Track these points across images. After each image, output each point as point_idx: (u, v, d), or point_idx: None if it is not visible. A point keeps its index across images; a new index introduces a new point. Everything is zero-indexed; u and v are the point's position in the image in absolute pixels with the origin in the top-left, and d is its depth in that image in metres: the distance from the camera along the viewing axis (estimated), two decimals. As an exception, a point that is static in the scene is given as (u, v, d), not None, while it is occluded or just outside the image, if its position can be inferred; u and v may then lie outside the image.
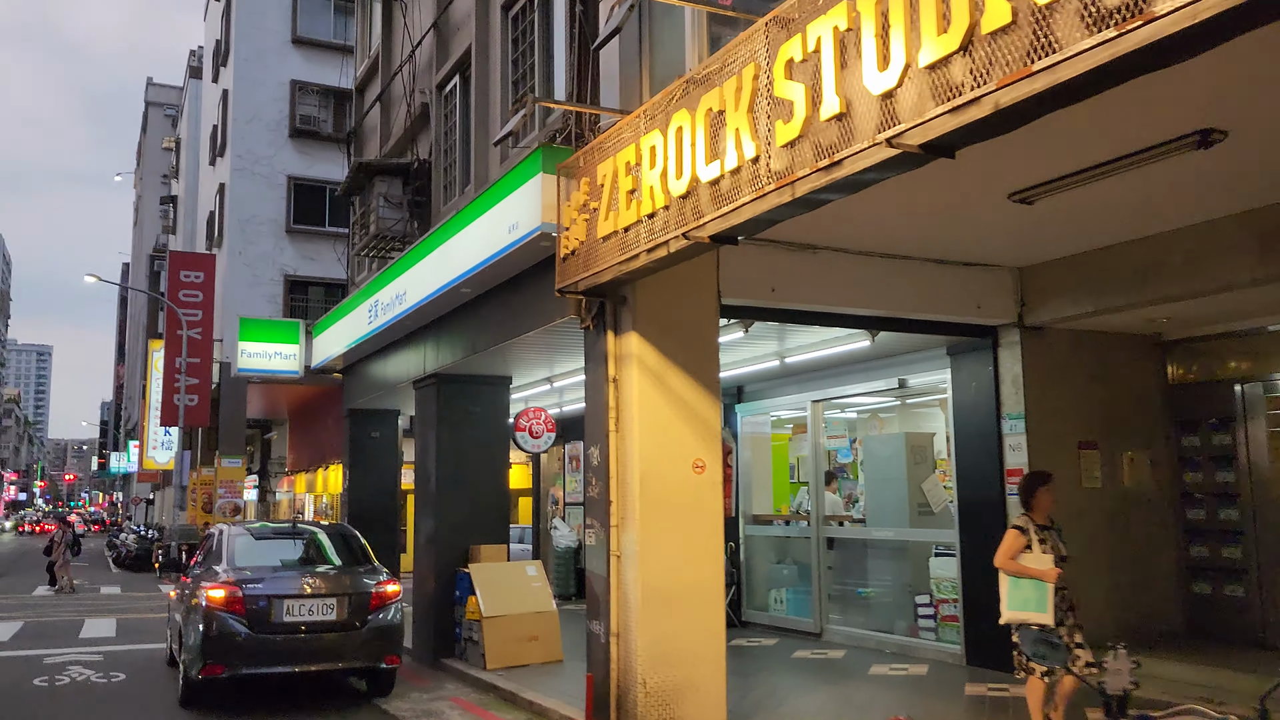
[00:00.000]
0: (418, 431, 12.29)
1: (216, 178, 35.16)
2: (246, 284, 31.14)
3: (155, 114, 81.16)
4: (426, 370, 11.91)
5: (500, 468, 11.98)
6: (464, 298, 10.42)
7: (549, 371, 12.13)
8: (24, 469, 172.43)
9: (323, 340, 15.66)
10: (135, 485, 67.47)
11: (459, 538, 11.52)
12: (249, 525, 10.38)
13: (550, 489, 19.04)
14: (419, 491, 12.14)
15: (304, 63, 33.24)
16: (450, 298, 10.45)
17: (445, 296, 10.38)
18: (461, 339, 10.94)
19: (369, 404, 15.55)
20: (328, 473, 34.02)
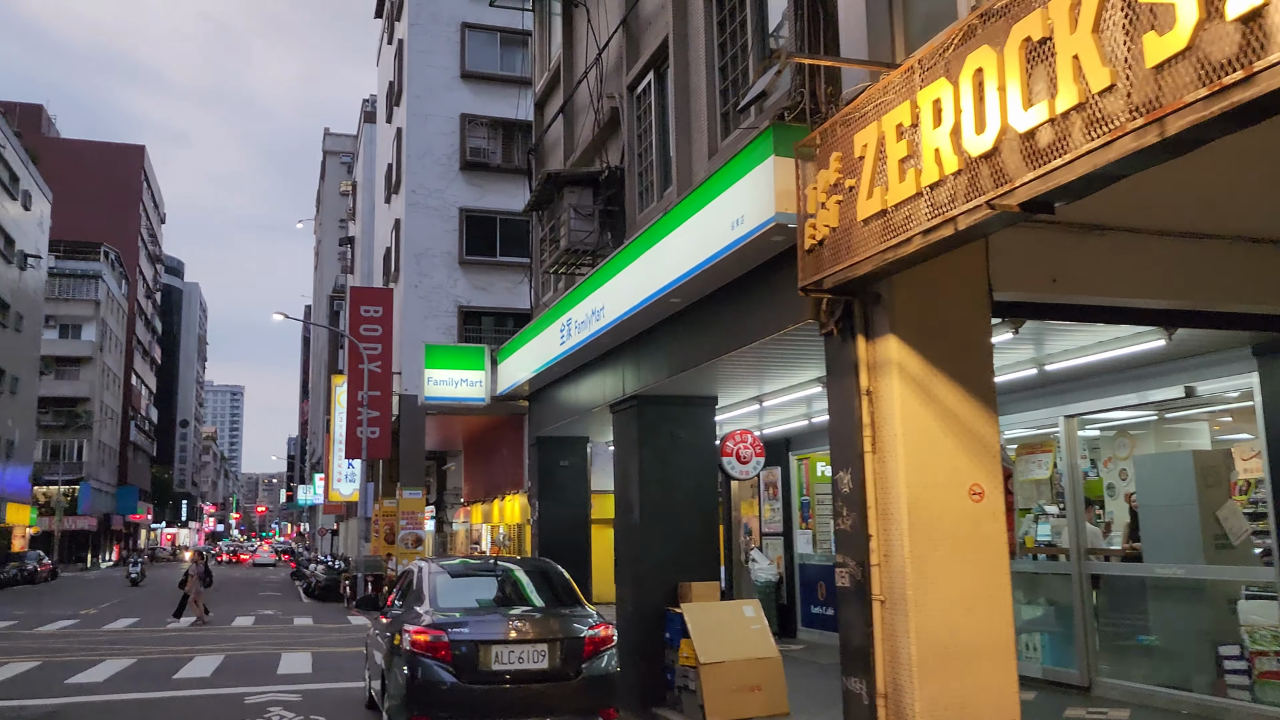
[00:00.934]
0: (618, 458, 11.38)
1: (392, 214, 35.87)
2: (422, 316, 31.41)
3: (332, 162, 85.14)
4: (625, 392, 11.00)
5: (709, 497, 10.92)
6: (671, 309, 9.46)
7: (758, 389, 11.02)
8: (221, 502, 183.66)
9: (508, 366, 15.05)
10: (321, 516, 70.11)
11: (666, 574, 10.50)
12: (446, 562, 9.66)
13: (743, 518, 17.87)
14: (620, 523, 11.21)
15: (473, 96, 33.55)
16: (655, 310, 9.50)
17: (650, 309, 9.44)
18: (667, 356, 9.97)
19: (557, 431, 14.81)
20: (504, 503, 33.89)
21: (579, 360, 12.31)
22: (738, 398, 11.33)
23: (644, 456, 10.68)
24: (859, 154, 5.90)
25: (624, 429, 11.18)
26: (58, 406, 72.11)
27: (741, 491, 18.35)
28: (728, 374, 9.96)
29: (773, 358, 9.14)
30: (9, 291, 52.51)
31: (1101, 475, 11.59)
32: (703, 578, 10.59)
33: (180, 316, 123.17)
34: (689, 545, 10.66)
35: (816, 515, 15.23)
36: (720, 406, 11.33)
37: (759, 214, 7.10)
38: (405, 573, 10.01)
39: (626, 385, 11.00)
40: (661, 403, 10.75)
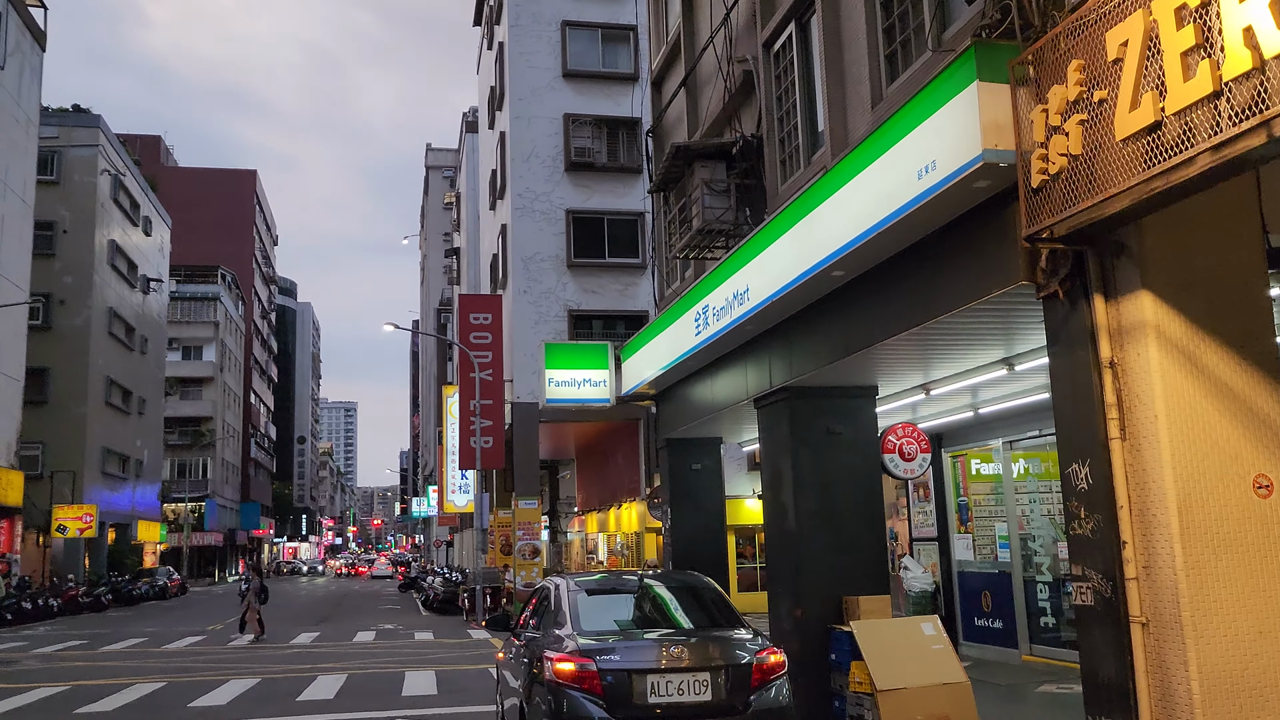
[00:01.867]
0: (766, 459, 10.22)
1: (497, 220, 35.44)
2: (532, 322, 30.78)
3: (435, 177, 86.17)
4: (773, 384, 9.84)
5: (874, 500, 9.67)
6: (831, 285, 8.26)
7: (924, 376, 9.72)
8: (338, 516, 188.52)
9: (633, 364, 14.03)
10: (435, 528, 70.60)
11: (828, 586, 9.30)
12: (585, 578, 8.63)
13: (889, 522, 16.46)
14: (773, 530, 10.04)
15: (575, 96, 32.87)
16: (812, 288, 8.33)
17: (805, 287, 8.27)
18: (824, 341, 8.78)
19: (688, 432, 13.72)
20: (620, 511, 32.97)
21: (715, 352, 11.20)
22: (899, 386, 10.05)
23: (798, 455, 9.50)
24: (1114, 55, 4.64)
25: (773, 425, 10.02)
26: (182, 426, 74.41)
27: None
28: (893, 359, 8.72)
29: (955, 335, 7.87)
30: (133, 316, 54.11)
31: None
32: (870, 590, 9.35)
33: (294, 335, 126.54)
34: (853, 554, 9.44)
35: (976, 518, 13.78)
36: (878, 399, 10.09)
37: (958, 155, 5.87)
38: (540, 589, 9.03)
39: (774, 376, 9.84)
40: (816, 395, 9.56)
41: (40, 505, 41.03)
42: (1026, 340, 7.92)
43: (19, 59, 38.32)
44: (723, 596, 8.25)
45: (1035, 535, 12.60)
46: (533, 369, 30.08)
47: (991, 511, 13.44)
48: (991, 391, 10.70)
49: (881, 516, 9.71)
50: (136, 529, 54.28)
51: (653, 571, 8.21)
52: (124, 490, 52.13)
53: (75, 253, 46.91)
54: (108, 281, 49.58)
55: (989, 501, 13.52)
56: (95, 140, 48.55)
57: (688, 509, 13.88)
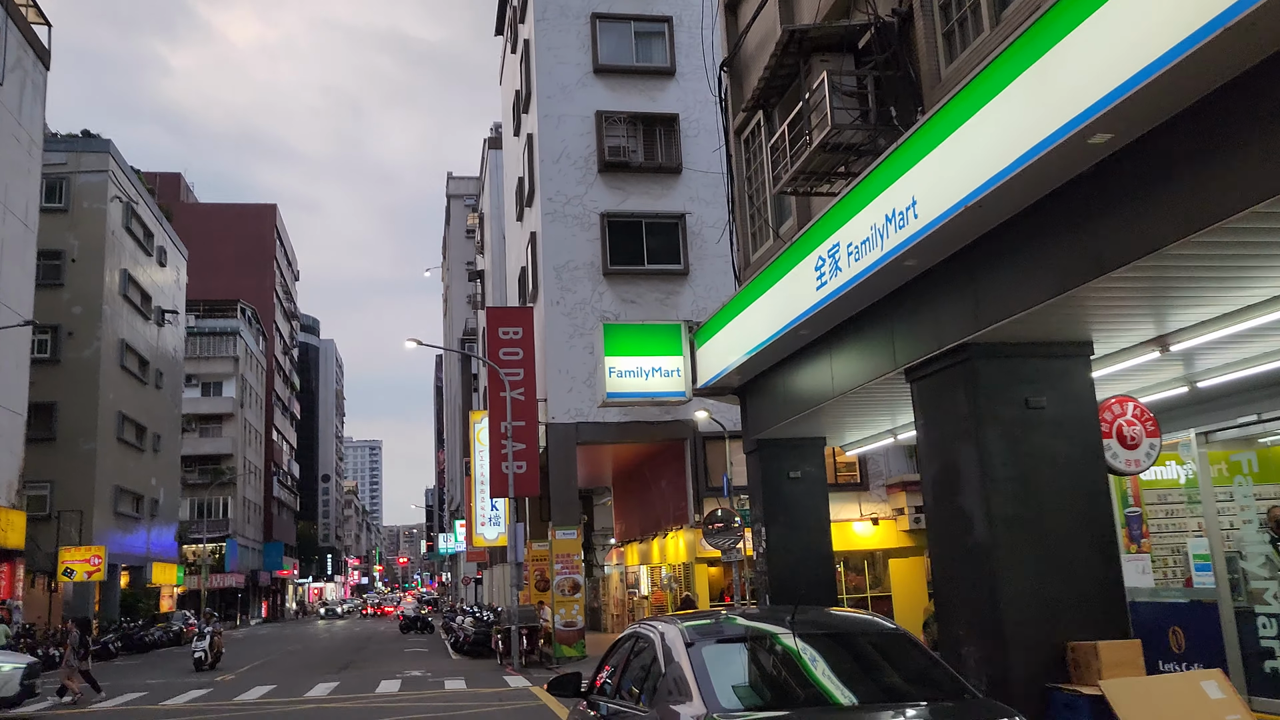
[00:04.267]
0: (931, 450, 7.43)
1: (526, 229, 32.90)
2: (566, 336, 28.13)
3: (456, 206, 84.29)
4: (944, 343, 7.05)
5: (1099, 501, 6.85)
6: (1073, 165, 5.49)
7: (1156, 327, 6.89)
8: (364, 555, 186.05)
9: (712, 349, 11.28)
10: (463, 565, 67.76)
11: (1039, 626, 6.47)
12: (697, 622, 5.80)
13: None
14: (946, 546, 7.22)
15: (608, 92, 30.39)
16: (1038, 176, 5.56)
17: (1031, 174, 5.51)
18: (1032, 270, 6.02)
19: (784, 431, 10.95)
20: (665, 541, 30.12)
21: (838, 314, 8.46)
22: (1114, 345, 7.21)
23: (986, 440, 6.69)
24: None
25: (941, 403, 7.24)
26: (202, 464, 72.11)
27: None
28: (1107, 302, 5.93)
29: (1186, 267, 5.07)
30: (148, 349, 51.91)
31: None
32: (1101, 631, 6.48)
33: (317, 373, 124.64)
34: (1073, 576, 6.61)
35: (1152, 533, 10.85)
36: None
37: None
38: (630, 640, 6.20)
39: (945, 332, 7.06)
40: (1009, 354, 6.79)
41: (46, 548, 38.54)
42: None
43: (20, 75, 36.35)
44: (922, 647, 5.39)
45: (1247, 554, 9.67)
46: (568, 387, 27.42)
47: (1176, 524, 10.52)
48: (1220, 357, 7.85)
49: (1111, 524, 6.86)
50: (151, 571, 51.74)
51: (802, 611, 5.41)
52: (138, 531, 49.64)
53: (84, 282, 44.76)
54: (119, 313, 47.40)
55: (1172, 512, 10.60)
56: (105, 165, 46.60)
57: (786, 527, 11.08)
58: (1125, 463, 7.29)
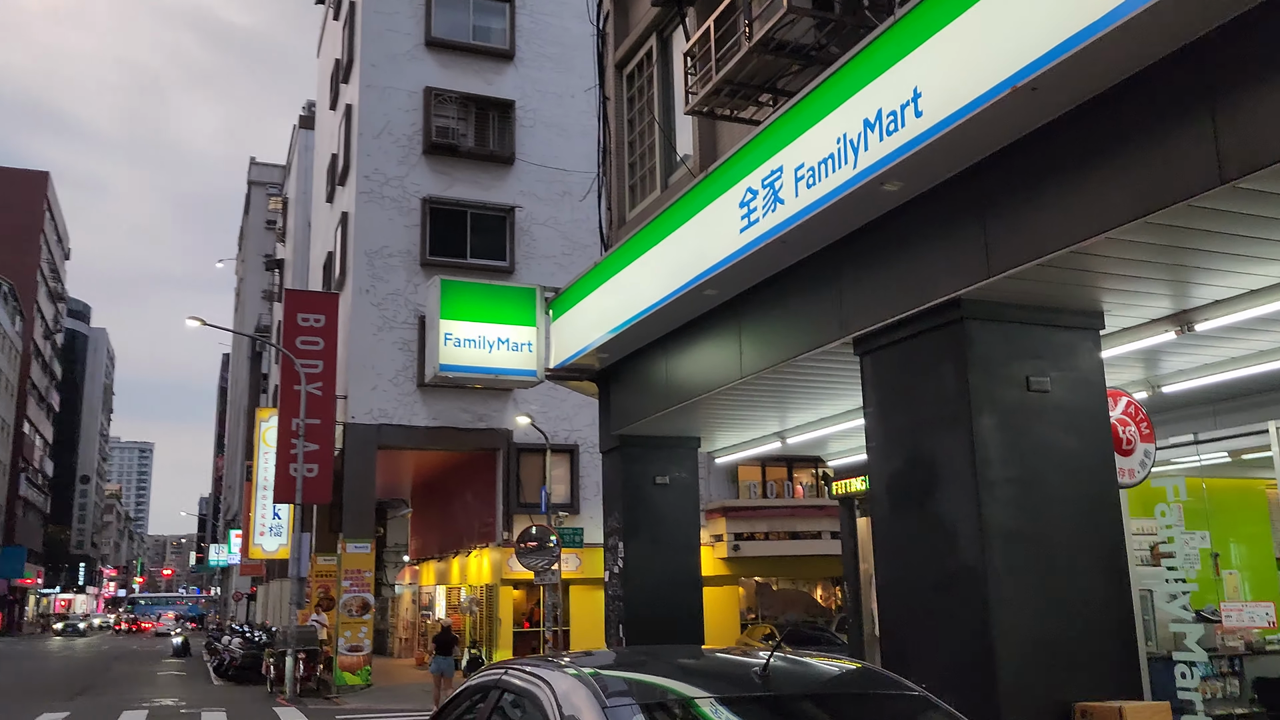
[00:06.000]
0: (887, 439, 5.67)
1: (337, 209, 29.80)
2: (374, 328, 25.34)
3: (258, 194, 78.58)
4: (925, 301, 5.32)
5: (1113, 513, 5.26)
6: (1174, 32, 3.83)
7: (1175, 302, 5.40)
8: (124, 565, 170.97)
9: (574, 320, 9.24)
10: (235, 579, 62.25)
11: (1045, 678, 4.80)
12: (616, 672, 3.66)
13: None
14: (907, 566, 5.45)
15: (440, 69, 27.88)
16: (1137, 36, 3.88)
17: (1142, 24, 3.81)
18: (1094, 188, 4.34)
19: (654, 427, 9.05)
20: (467, 560, 27.72)
21: (757, 271, 6.62)
22: (1131, 318, 5.67)
23: (978, 429, 4.99)
24: None
25: (910, 378, 5.50)
26: (-69, 454, 63.29)
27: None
28: (1146, 253, 4.37)
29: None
30: None
31: None
32: (1119, 684, 4.87)
33: (84, 364, 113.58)
34: (1084, 613, 4.97)
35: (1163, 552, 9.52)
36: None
37: None
38: (487, 695, 4.02)
39: (930, 286, 5.32)
40: (1008, 319, 5.12)
41: None
42: None
43: None
44: (952, 715, 3.50)
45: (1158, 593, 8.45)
46: (372, 384, 24.63)
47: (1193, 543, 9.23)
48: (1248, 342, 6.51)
49: (1123, 546, 5.28)
50: None
51: (782, 656, 3.44)
52: None
53: None
54: None
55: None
56: None
57: (646, 543, 9.14)
58: (1119, 472, 5.79)
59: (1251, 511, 11.42)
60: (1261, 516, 11.97)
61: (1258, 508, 11.85)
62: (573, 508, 25.29)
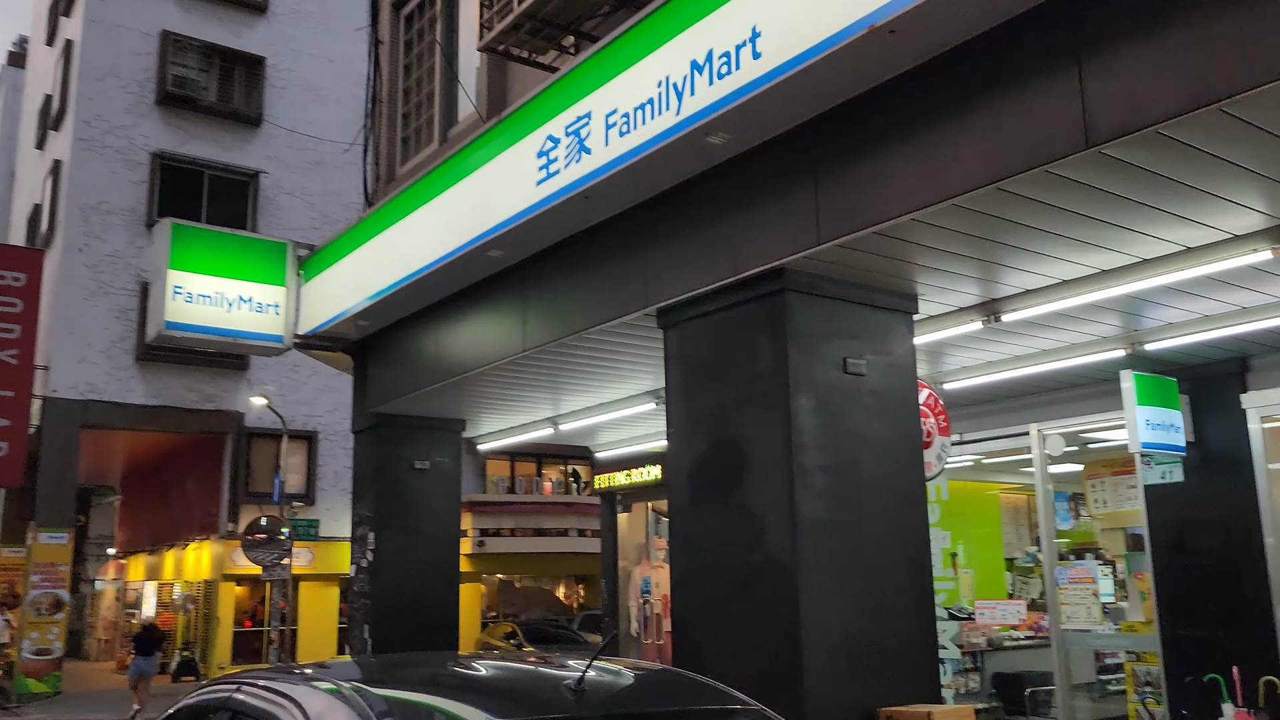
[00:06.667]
0: (693, 421, 5.17)
1: (49, 157, 26.36)
2: (87, 293, 22.55)
3: (-51, 137, 69.17)
4: (742, 268, 4.85)
5: (919, 507, 4.99)
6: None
7: (981, 288, 5.25)
8: None
9: (331, 282, 8.20)
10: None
11: (853, 682, 4.46)
12: (392, 690, 2.88)
13: (642, 569, 11.79)
14: (708, 560, 4.95)
15: (181, 13, 25.26)
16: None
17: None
18: (956, 146, 4.02)
19: (416, 406, 8.20)
20: (183, 553, 25.30)
21: (550, 230, 5.98)
22: (944, 305, 5.45)
23: (795, 411, 4.58)
24: None
25: (720, 353, 5.02)
26: None
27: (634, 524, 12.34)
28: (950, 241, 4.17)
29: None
30: None
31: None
32: (920, 688, 4.60)
33: None
34: (892, 612, 4.68)
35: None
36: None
37: None
38: (220, 717, 3.11)
39: (748, 252, 4.84)
40: (828, 294, 4.77)
41: None
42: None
43: None
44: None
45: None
46: (80, 355, 21.84)
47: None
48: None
49: (927, 542, 5.02)
50: None
51: (595, 669, 2.80)
52: None
53: None
54: None
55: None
56: None
57: (400, 534, 8.24)
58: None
59: (985, 513, 12.06)
60: (994, 519, 12.64)
61: (991, 510, 12.52)
62: (308, 498, 23.55)
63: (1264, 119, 3.32)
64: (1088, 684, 8.95)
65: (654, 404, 7.76)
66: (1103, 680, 10.23)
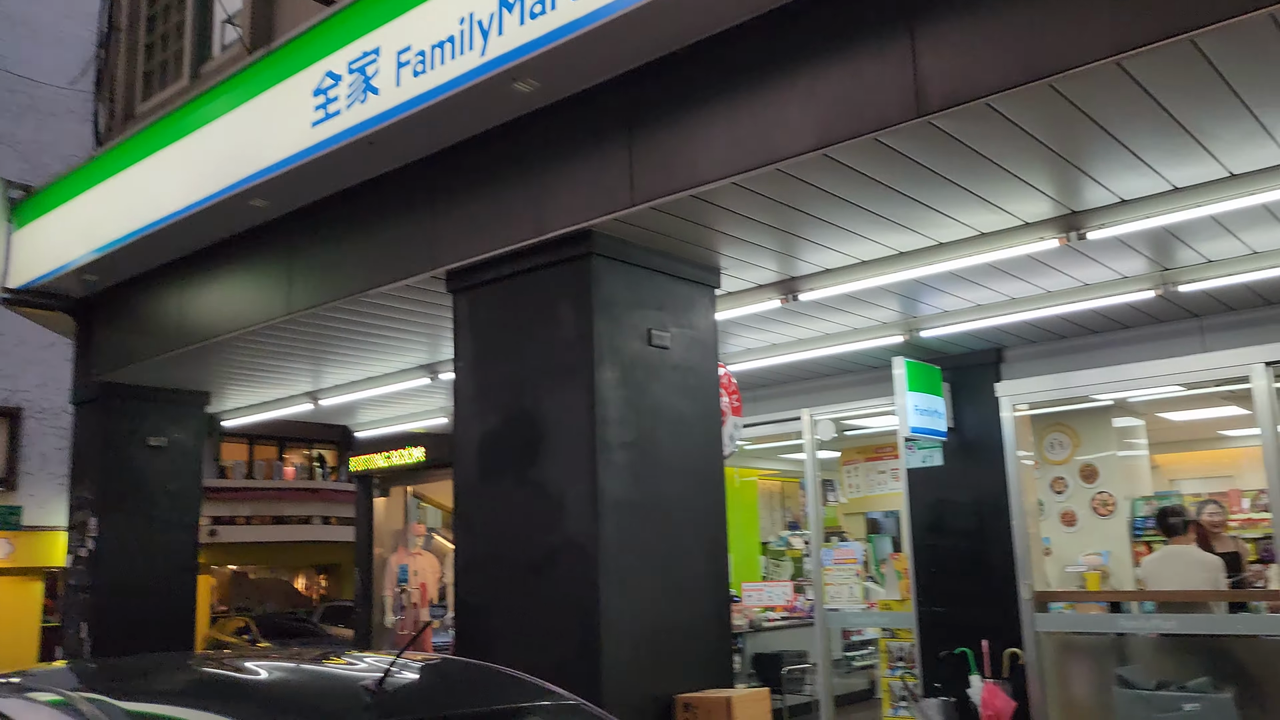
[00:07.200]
0: (483, 391, 4.77)
1: None
2: None
3: None
4: (548, 228, 4.52)
5: (718, 487, 4.84)
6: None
7: (780, 265, 5.20)
8: None
9: (52, 229, 7.11)
10: None
11: (651, 669, 4.27)
12: (151, 696, 2.37)
13: (399, 556, 11.19)
14: (498, 542, 4.59)
15: None
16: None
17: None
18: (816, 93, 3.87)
19: (151, 375, 7.29)
20: None
21: (327, 180, 5.40)
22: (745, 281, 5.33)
23: (598, 384, 4.32)
24: None
25: (516, 321, 4.67)
26: None
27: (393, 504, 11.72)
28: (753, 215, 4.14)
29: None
30: None
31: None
32: (715, 673, 4.50)
33: None
34: (689, 595, 4.53)
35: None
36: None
37: None
38: None
39: (556, 211, 4.52)
40: (630, 262, 4.55)
41: None
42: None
43: None
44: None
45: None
46: None
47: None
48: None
49: (724, 523, 4.89)
50: None
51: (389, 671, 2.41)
52: None
53: None
54: None
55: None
56: None
57: (129, 518, 7.28)
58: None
59: (744, 499, 12.38)
60: (752, 504, 12.99)
61: (749, 496, 12.85)
62: (9, 483, 20.92)
63: (1083, 97, 3.36)
64: (836, 660, 9.28)
65: (428, 379, 7.27)
66: (849, 657, 10.71)
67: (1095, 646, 6.93)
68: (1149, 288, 5.49)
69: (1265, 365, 6.07)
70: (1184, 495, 9.73)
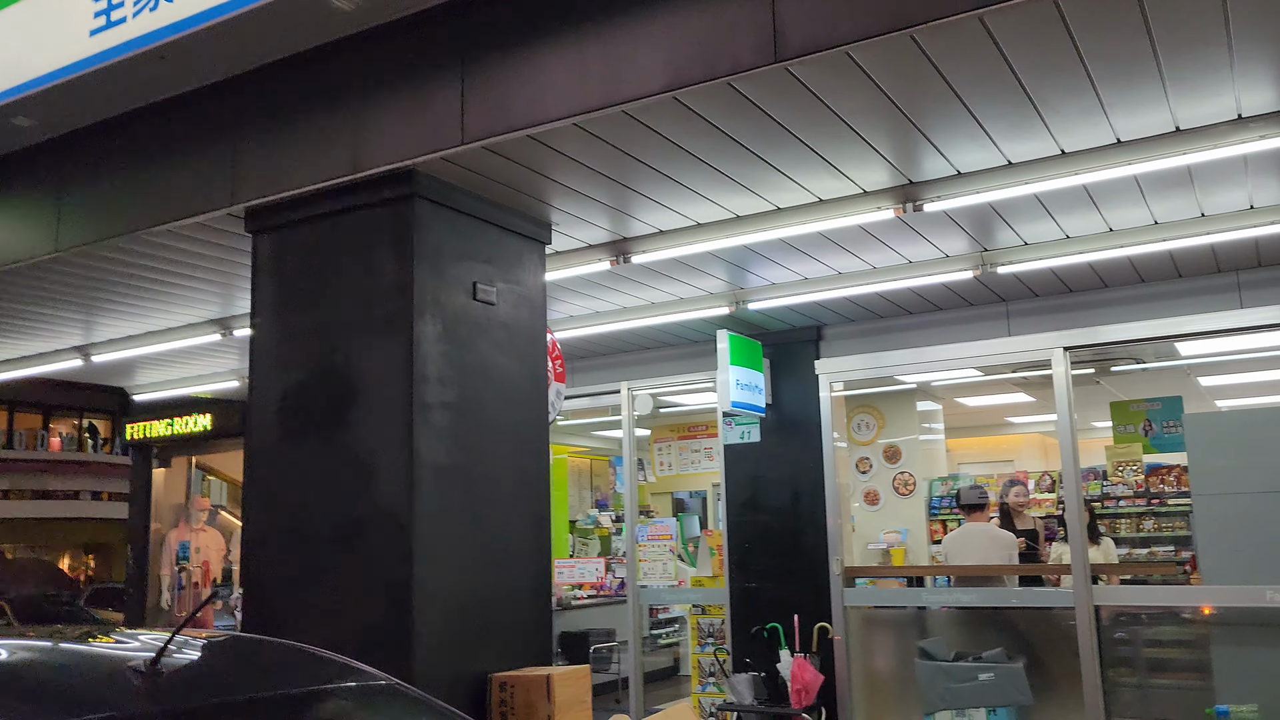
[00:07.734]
0: (287, 341, 4.29)
1: None
2: None
3: None
4: (371, 163, 4.10)
5: (542, 455, 4.57)
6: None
7: (613, 221, 4.97)
8: None
9: None
10: None
11: (466, 647, 3.96)
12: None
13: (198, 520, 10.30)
14: (302, 510, 4.15)
15: None
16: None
17: None
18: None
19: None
20: None
21: (113, 102, 4.75)
22: (576, 240, 5.04)
23: (418, 336, 3.97)
24: None
25: (325, 266, 4.24)
26: None
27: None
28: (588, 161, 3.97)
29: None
30: None
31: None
32: (533, 652, 4.26)
33: None
34: (510, 568, 4.26)
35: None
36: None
37: None
38: None
39: (377, 147, 4.09)
40: (458, 208, 4.21)
41: None
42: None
43: None
44: (439, 710, 2.37)
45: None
46: None
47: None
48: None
49: (547, 494, 4.61)
50: None
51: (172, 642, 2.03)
52: None
53: None
54: None
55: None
56: None
57: None
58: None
59: (555, 476, 12.16)
60: (561, 482, 12.78)
61: (559, 473, 12.65)
62: None
63: (941, 54, 3.28)
64: (642, 638, 9.22)
65: (219, 335, 6.62)
66: (654, 635, 10.69)
67: (898, 620, 7.12)
68: (968, 268, 5.60)
69: (1064, 350, 6.34)
70: (976, 477, 10.25)
